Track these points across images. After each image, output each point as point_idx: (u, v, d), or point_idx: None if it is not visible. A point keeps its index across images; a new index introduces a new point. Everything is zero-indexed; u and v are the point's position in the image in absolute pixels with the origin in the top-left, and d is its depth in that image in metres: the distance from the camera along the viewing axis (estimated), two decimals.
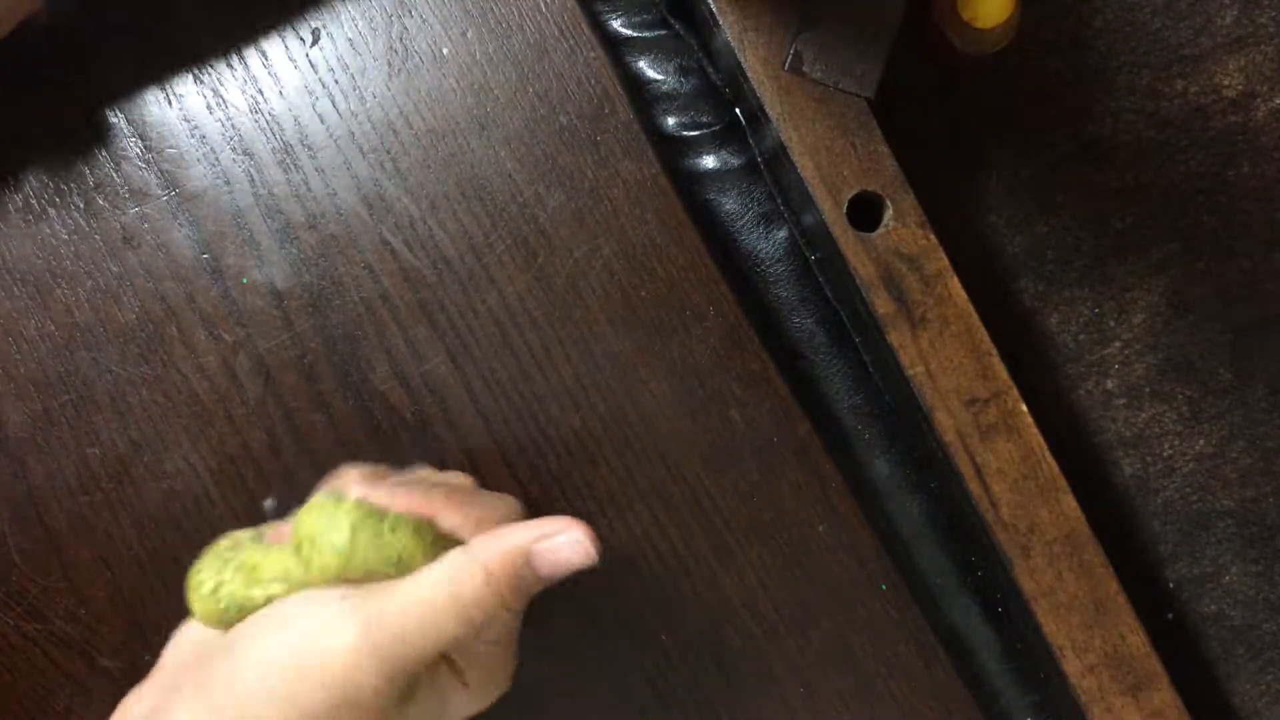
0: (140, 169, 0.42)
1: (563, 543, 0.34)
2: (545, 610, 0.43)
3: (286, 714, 0.30)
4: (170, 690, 0.33)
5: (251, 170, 0.42)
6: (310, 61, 0.42)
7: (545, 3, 0.42)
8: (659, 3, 0.40)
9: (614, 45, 0.41)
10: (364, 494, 0.35)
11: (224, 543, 0.36)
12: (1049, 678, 0.39)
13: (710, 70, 0.40)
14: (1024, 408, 0.37)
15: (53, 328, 0.42)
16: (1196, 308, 0.43)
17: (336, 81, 0.42)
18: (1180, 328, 0.43)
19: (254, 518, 0.42)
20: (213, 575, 0.34)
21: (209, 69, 0.42)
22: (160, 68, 0.42)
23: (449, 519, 0.35)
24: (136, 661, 0.42)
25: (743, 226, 0.40)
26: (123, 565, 0.42)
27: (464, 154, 0.42)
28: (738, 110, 0.39)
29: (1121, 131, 0.43)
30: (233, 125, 0.42)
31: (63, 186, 0.42)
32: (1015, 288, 0.43)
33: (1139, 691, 0.38)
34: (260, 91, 0.42)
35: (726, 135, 0.40)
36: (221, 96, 0.42)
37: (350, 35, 0.42)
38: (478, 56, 0.42)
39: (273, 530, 0.36)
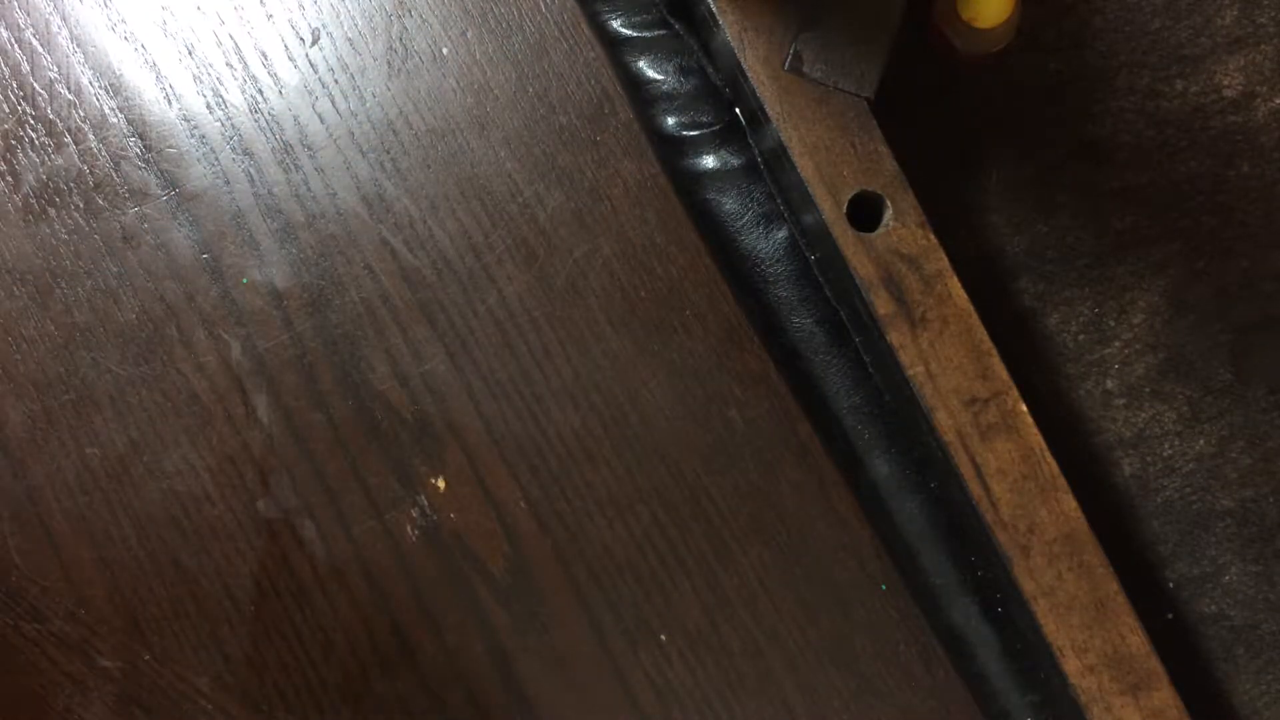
0: (140, 169, 0.42)
1: None
2: (545, 611, 0.43)
3: None
4: None
5: (251, 170, 0.42)
6: (310, 61, 0.42)
7: (545, 3, 0.42)
8: (659, 3, 0.40)
9: (614, 45, 0.41)
10: None
11: None
12: (1049, 678, 0.39)
13: (710, 70, 0.40)
14: (1024, 408, 0.37)
15: (53, 328, 0.42)
16: (1196, 308, 0.43)
17: (336, 81, 0.42)
18: (1180, 328, 0.43)
19: (253, 517, 0.42)
20: None
21: (209, 69, 0.42)
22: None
23: None
24: (136, 661, 0.42)
25: (743, 226, 0.40)
26: (122, 565, 0.42)
27: (464, 154, 0.42)
28: (738, 110, 0.39)
29: (1121, 131, 0.43)
30: (233, 125, 0.42)
31: (63, 186, 0.42)
32: (1015, 288, 0.43)
33: (1139, 691, 0.38)
34: (260, 91, 0.42)
35: (726, 135, 0.39)
36: (221, 96, 0.42)
37: (350, 35, 0.42)
38: (478, 56, 0.42)
39: None
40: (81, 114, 0.42)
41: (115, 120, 0.42)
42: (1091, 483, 0.43)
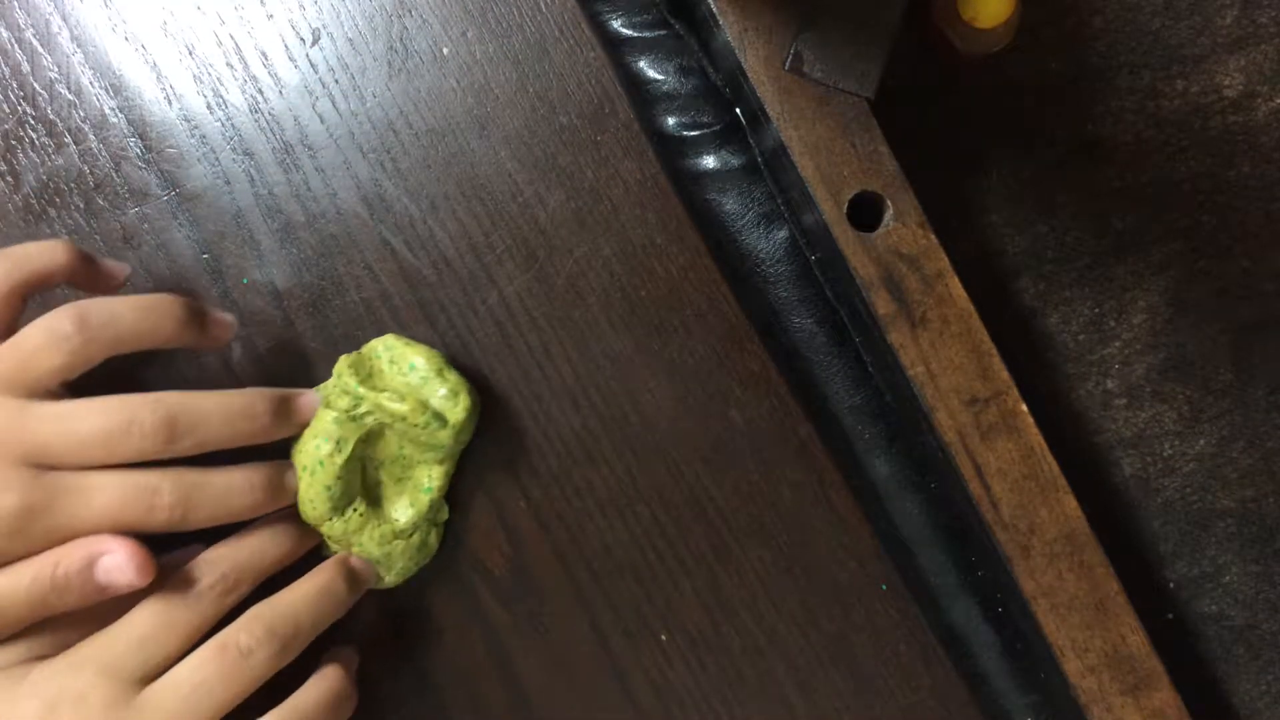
0: (140, 169, 0.42)
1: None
2: (545, 611, 0.43)
3: None
4: None
5: (251, 170, 0.42)
6: (310, 61, 0.42)
7: (545, 3, 0.42)
8: (659, 3, 0.40)
9: (614, 45, 0.41)
10: None
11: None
12: (1049, 678, 0.39)
13: (710, 70, 0.40)
14: (1024, 408, 0.37)
15: None
16: (1196, 308, 0.43)
17: (336, 81, 0.42)
18: (1180, 328, 0.43)
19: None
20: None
21: (209, 69, 0.42)
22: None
23: None
24: None
25: (743, 226, 0.40)
26: None
27: (464, 154, 0.42)
28: (738, 110, 0.39)
29: (1121, 131, 0.43)
30: (233, 125, 0.42)
31: (63, 187, 0.42)
32: (1015, 288, 0.43)
33: (1139, 691, 0.38)
34: (260, 91, 0.42)
35: (726, 135, 0.39)
36: (221, 96, 0.42)
37: (350, 35, 0.42)
38: (478, 56, 0.42)
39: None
40: (82, 114, 0.42)
41: (115, 120, 0.42)
42: (1091, 483, 0.43)
